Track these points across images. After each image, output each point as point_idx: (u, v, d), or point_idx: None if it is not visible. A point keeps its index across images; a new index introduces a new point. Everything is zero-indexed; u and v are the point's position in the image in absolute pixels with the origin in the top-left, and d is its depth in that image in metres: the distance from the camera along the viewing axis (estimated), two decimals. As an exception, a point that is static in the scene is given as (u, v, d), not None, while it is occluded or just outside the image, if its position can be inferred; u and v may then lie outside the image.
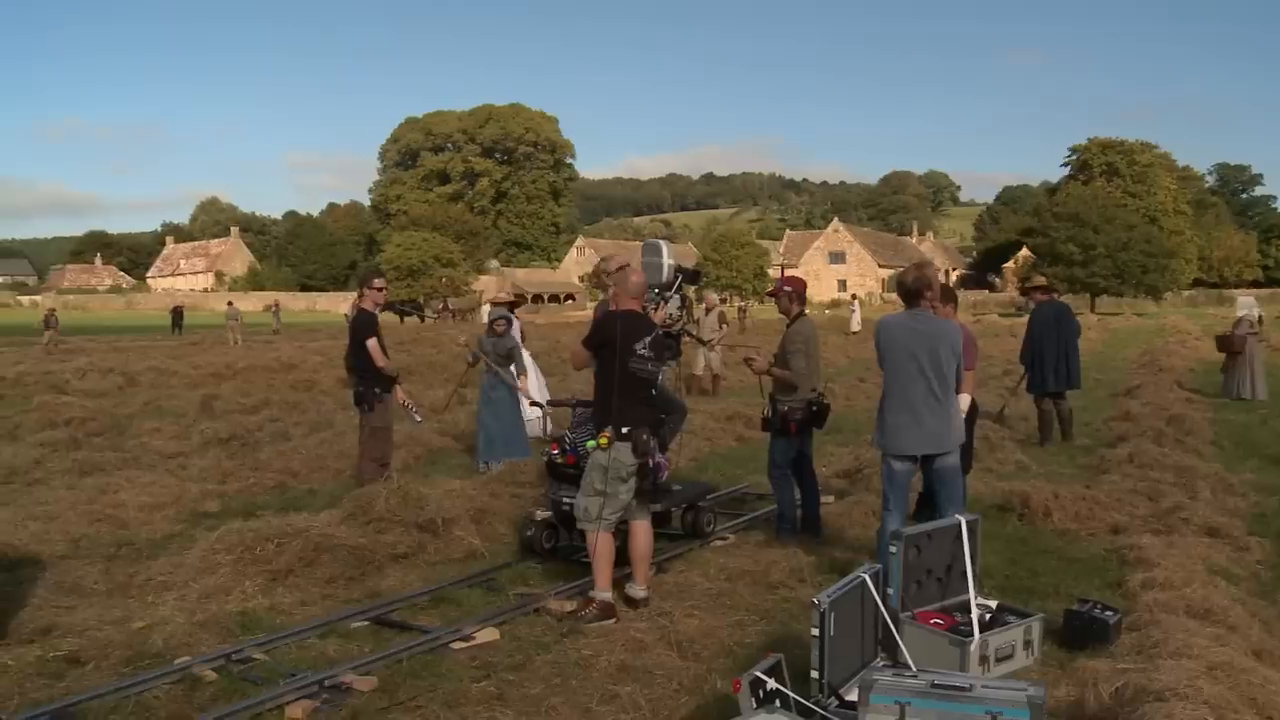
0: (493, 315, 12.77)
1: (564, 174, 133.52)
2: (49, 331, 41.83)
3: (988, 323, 53.22)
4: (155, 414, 18.24)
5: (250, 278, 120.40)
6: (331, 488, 11.35)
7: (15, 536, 8.84)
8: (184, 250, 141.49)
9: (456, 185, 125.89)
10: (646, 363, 6.88)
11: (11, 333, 52.77)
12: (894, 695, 4.13)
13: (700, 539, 8.82)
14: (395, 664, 6.05)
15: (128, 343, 45.63)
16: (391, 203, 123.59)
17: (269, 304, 64.34)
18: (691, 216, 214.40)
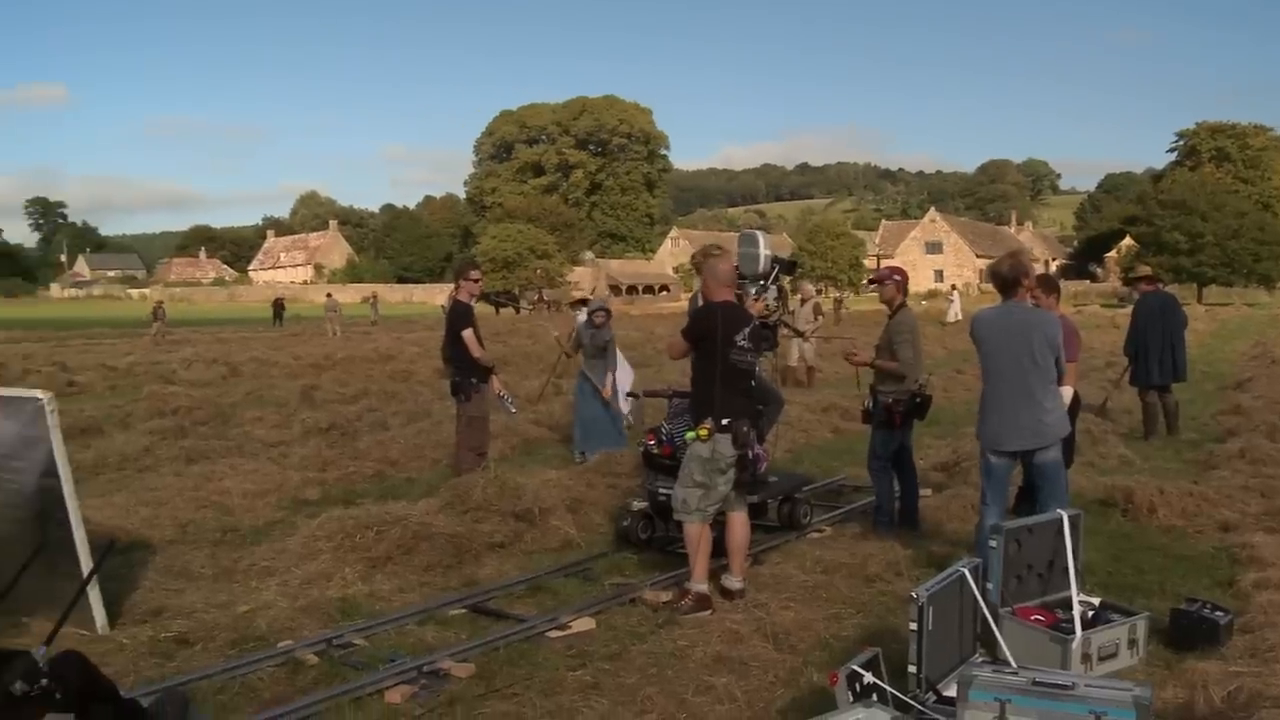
0: (591, 307, 12.83)
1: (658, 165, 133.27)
2: (157, 323, 42.77)
3: (1089, 313, 52.20)
4: (257, 403, 18.60)
5: (348, 270, 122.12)
6: (429, 477, 11.49)
7: (128, 521, 9.09)
8: (284, 243, 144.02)
9: (551, 177, 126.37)
10: (745, 354, 6.85)
11: (122, 325, 54.25)
12: (994, 692, 4.07)
13: (796, 531, 8.78)
14: (492, 651, 6.11)
15: (231, 334, 46.64)
16: (486, 195, 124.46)
17: (367, 296, 65.25)
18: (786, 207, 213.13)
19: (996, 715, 4.02)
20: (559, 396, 17.01)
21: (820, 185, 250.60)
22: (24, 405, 6.36)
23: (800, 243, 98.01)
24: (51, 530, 6.29)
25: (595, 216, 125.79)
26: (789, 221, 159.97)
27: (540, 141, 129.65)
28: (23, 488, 6.57)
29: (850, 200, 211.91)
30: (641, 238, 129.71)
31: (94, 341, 41.36)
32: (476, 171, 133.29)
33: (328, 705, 5.33)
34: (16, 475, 6.56)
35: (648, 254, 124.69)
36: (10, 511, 6.72)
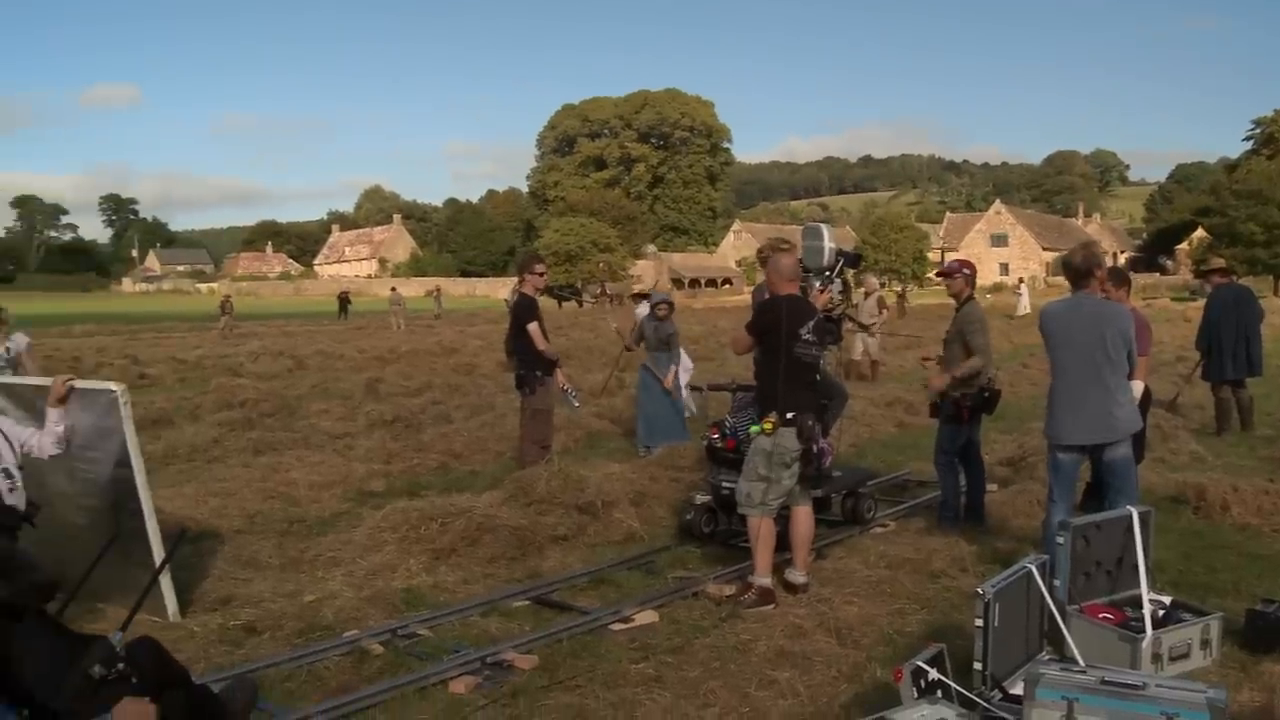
0: (655, 299, 12.83)
1: (720, 158, 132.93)
2: (224, 317, 43.45)
3: (1159, 307, 51.25)
4: (323, 396, 18.81)
5: (412, 264, 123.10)
6: (493, 469, 11.56)
7: (197, 511, 9.24)
8: (349, 238, 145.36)
9: (613, 171, 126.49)
10: (810, 347, 6.82)
11: (191, 319, 55.15)
12: (1062, 690, 4.02)
13: (860, 525, 8.73)
14: (555, 643, 6.14)
15: (297, 327, 47.25)
16: (549, 189, 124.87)
17: (430, 289, 65.69)
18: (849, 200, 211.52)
19: (1064, 714, 3.97)
20: (622, 390, 17.04)
21: (884, 178, 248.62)
22: (99, 397, 6.48)
23: (864, 236, 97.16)
24: (125, 519, 6.40)
25: (657, 210, 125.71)
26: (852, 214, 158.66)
27: (602, 135, 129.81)
28: (98, 477, 6.69)
29: (914, 193, 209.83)
30: (704, 231, 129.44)
31: (164, 335, 42.09)
32: (539, 165, 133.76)
33: (393, 695, 5.38)
34: (92, 465, 6.68)
35: (710, 247, 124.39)
36: (86, 500, 6.85)
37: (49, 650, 3.42)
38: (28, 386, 6.92)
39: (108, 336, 40.36)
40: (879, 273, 71.09)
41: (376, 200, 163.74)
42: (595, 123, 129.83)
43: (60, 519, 6.77)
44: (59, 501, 6.80)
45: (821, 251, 7.81)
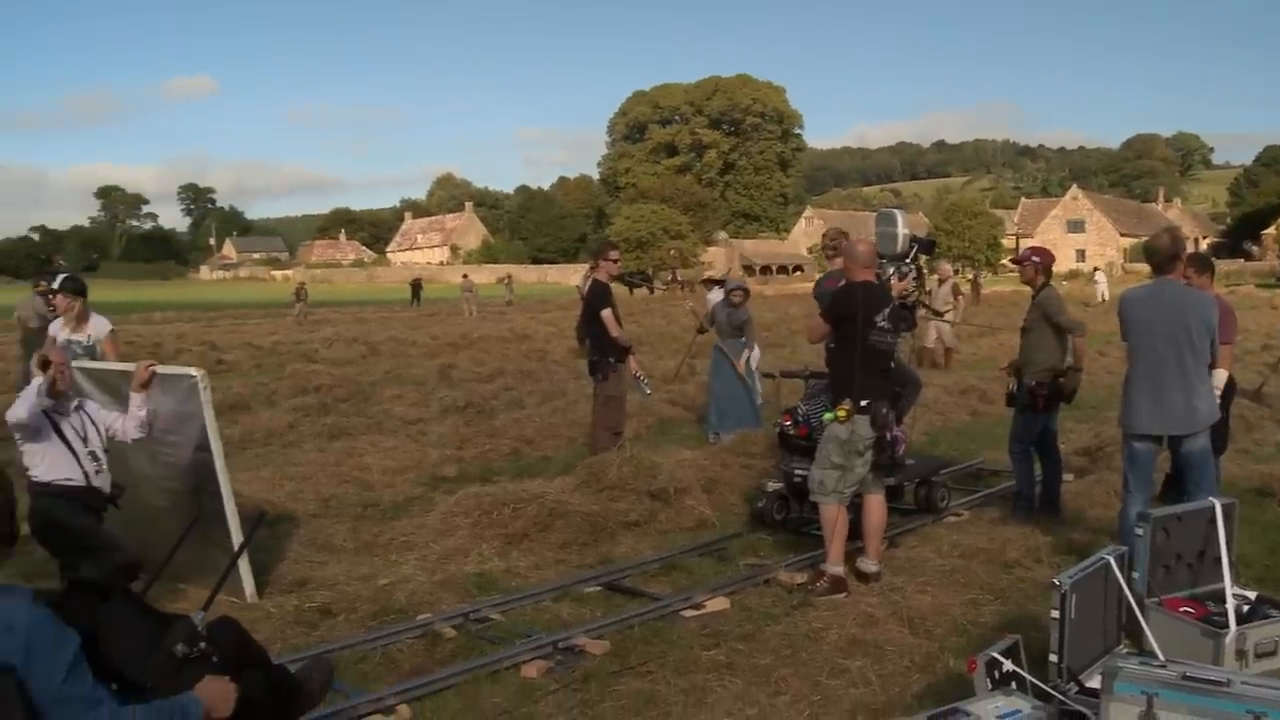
0: (730, 285, 12.79)
1: (792, 144, 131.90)
2: (299, 304, 43.96)
3: (1244, 293, 50.10)
4: (396, 382, 19.00)
5: (484, 251, 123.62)
6: (565, 455, 11.61)
7: (273, 494, 9.38)
8: (421, 225, 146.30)
9: (684, 157, 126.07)
10: (885, 335, 6.77)
11: (267, 305, 55.92)
12: (1141, 685, 3.94)
13: (933, 515, 8.66)
14: (627, 629, 6.16)
15: (370, 314, 47.75)
16: (620, 176, 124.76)
17: (502, 276, 65.99)
18: (922, 186, 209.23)
19: (1143, 710, 3.89)
20: (694, 377, 17.03)
21: (957, 163, 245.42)
22: (180, 382, 6.60)
23: (936, 222, 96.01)
24: (205, 502, 6.53)
25: (729, 196, 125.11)
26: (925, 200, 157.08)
27: (673, 122, 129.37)
28: (179, 461, 6.83)
29: (988, 178, 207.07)
30: (775, 217, 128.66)
31: (240, 322, 42.76)
32: (610, 152, 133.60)
33: (465, 678, 5.44)
34: (173, 449, 6.82)
35: (781, 234, 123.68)
36: (167, 483, 6.99)
37: (135, 628, 3.48)
38: (112, 372, 7.07)
39: (186, 323, 41.12)
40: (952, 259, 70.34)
41: (448, 188, 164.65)
42: (666, 109, 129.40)
43: (143, 501, 6.93)
44: (141, 484, 6.95)
45: (896, 238, 7.74)
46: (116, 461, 6.44)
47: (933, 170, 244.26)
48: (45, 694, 2.88)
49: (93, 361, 7.84)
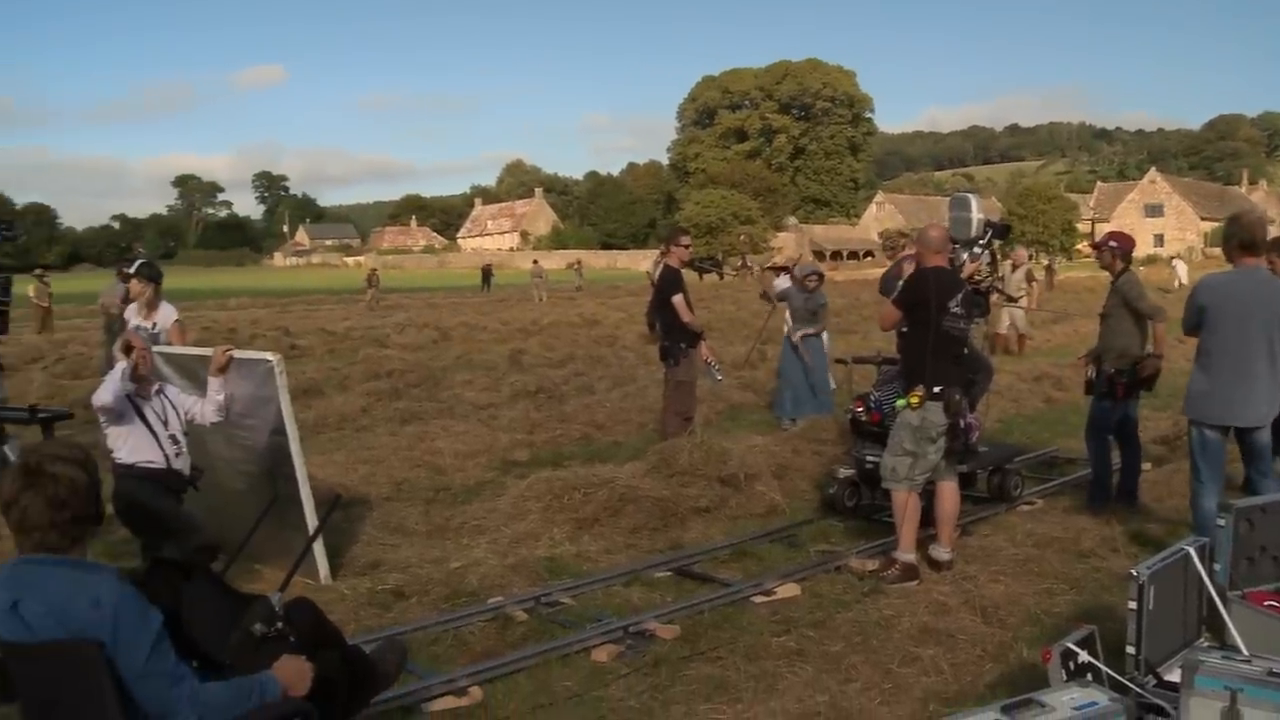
0: (804, 271, 12.73)
1: (862, 129, 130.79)
2: (371, 290, 44.37)
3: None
4: (467, 367, 19.13)
5: (553, 237, 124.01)
6: (635, 440, 11.63)
7: (347, 478, 9.50)
8: (491, 211, 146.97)
9: (754, 143, 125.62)
10: (958, 320, 6.69)
11: (339, 292, 56.60)
12: (1224, 680, 3.85)
13: (1006, 503, 8.57)
14: (697, 614, 6.16)
15: (441, 300, 48.08)
16: (690, 161, 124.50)
17: (571, 262, 66.29)
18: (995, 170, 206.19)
19: (1226, 705, 3.80)
20: (765, 363, 16.97)
21: (1031, 147, 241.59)
22: (256, 367, 6.70)
23: (1010, 207, 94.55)
24: (280, 485, 6.63)
25: (799, 181, 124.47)
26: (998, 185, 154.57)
27: (743, 106, 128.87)
28: (255, 444, 6.94)
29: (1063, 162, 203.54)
30: (846, 203, 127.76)
31: (313, 308, 43.30)
32: (679, 138, 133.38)
33: (536, 661, 5.48)
34: (249, 432, 6.93)
35: (852, 219, 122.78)
36: (244, 466, 7.11)
37: (215, 607, 3.56)
38: (191, 356, 7.19)
39: (261, 309, 41.74)
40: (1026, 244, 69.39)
41: (518, 174, 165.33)
42: (736, 94, 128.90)
43: (220, 484, 7.05)
44: (219, 467, 7.07)
45: (969, 223, 7.64)
46: (195, 445, 6.55)
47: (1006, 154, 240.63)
48: (131, 669, 2.96)
49: (172, 346, 7.98)
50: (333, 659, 3.65)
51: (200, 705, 3.09)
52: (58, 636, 2.96)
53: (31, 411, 5.55)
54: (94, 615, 2.94)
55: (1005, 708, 3.51)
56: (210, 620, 3.49)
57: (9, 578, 3.08)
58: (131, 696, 2.98)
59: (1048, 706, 3.55)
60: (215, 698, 3.14)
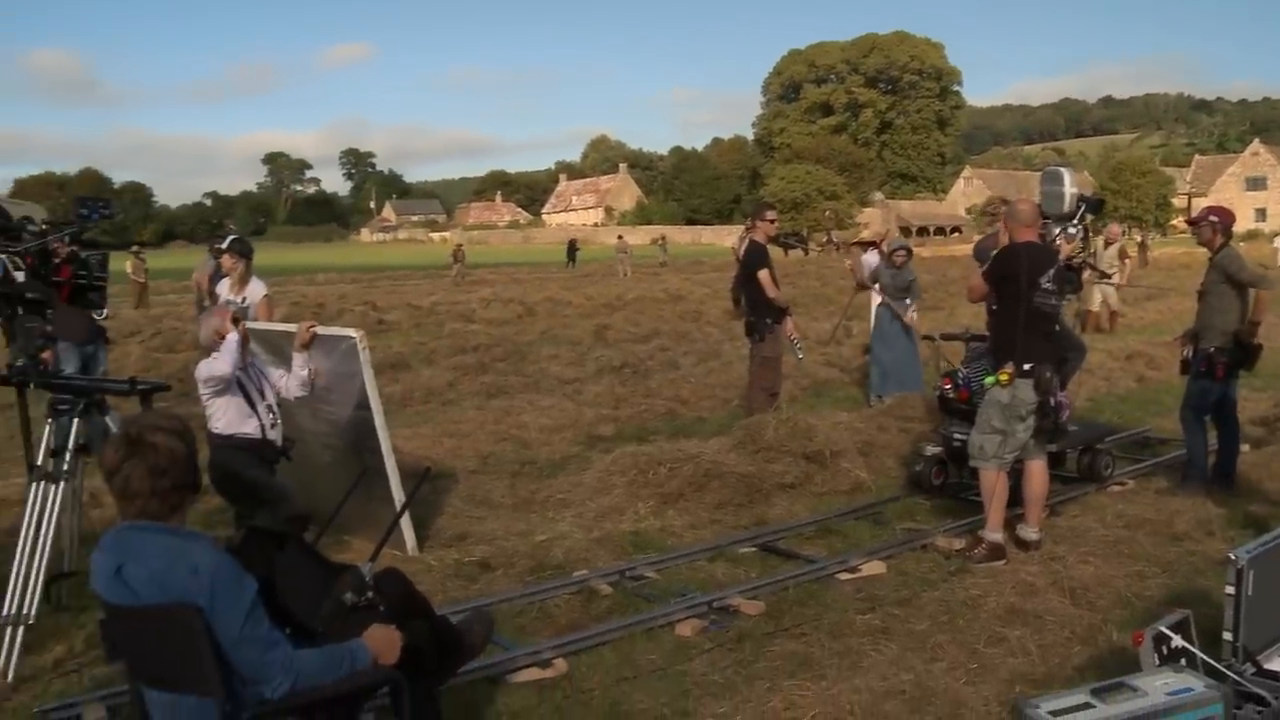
0: (893, 246, 12.60)
1: (950, 102, 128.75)
2: (456, 265, 44.77)
3: None
4: (552, 342, 19.23)
5: (638, 212, 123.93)
6: (720, 416, 11.63)
7: (433, 451, 9.61)
8: (575, 187, 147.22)
9: (840, 117, 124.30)
10: (1050, 296, 6.56)
11: (425, 267, 57.14)
12: (1328, 668, 3.75)
13: (1096, 483, 8.42)
14: (781, 591, 6.16)
15: (526, 275, 48.32)
16: (775, 136, 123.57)
17: (656, 237, 66.14)
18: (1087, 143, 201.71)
19: (1328, 694, 3.71)
20: (850, 339, 16.85)
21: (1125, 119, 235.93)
22: (339, 343, 6.79)
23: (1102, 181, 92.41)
24: (366, 458, 6.73)
25: (885, 156, 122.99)
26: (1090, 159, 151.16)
27: (829, 81, 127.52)
28: (339, 418, 7.05)
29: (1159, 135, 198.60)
30: (933, 178, 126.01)
31: (399, 283, 43.75)
32: (764, 112, 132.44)
33: (621, 634, 5.52)
34: (334, 407, 7.04)
35: (939, 194, 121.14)
36: (329, 440, 7.23)
37: (308, 576, 3.63)
38: (276, 332, 7.30)
39: (348, 284, 42.25)
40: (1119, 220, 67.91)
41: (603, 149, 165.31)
42: (821, 68, 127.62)
43: (308, 457, 7.18)
44: (306, 440, 7.19)
45: (1062, 197, 7.47)
46: (282, 418, 6.67)
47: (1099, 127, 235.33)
48: (227, 634, 3.03)
49: (259, 322, 8.13)
50: (421, 629, 3.70)
51: (293, 671, 3.15)
52: (159, 601, 3.05)
53: (131, 383, 5.67)
54: (193, 581, 3.02)
55: (1095, 690, 3.45)
56: (303, 589, 3.56)
57: (114, 543, 3.17)
58: (228, 661, 3.06)
59: (1140, 691, 3.48)
60: (308, 664, 3.20)
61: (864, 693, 4.64)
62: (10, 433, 10.35)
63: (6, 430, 10.91)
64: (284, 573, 3.53)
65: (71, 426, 5.52)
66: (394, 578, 3.84)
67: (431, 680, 3.78)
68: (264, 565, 3.47)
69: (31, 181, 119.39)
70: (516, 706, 4.72)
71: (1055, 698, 3.42)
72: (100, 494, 7.45)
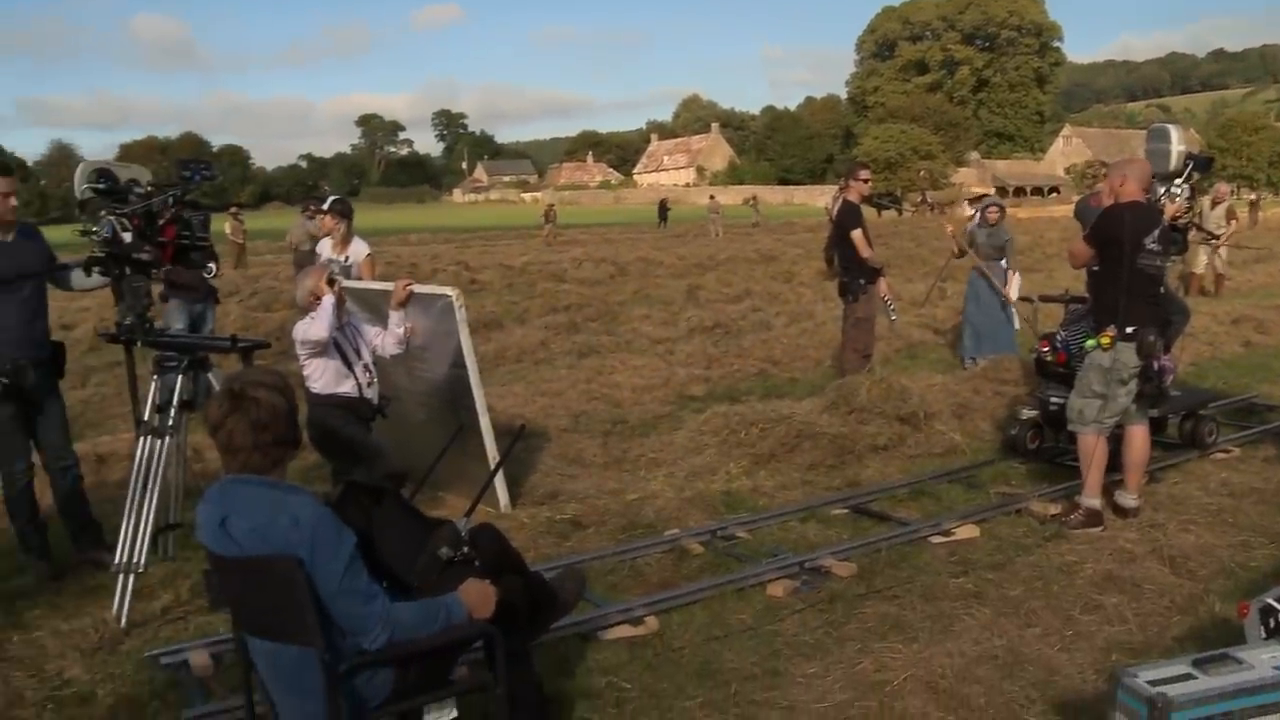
0: (984, 203, 12.38)
1: (1050, 59, 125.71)
2: (548, 225, 44.84)
3: None
4: (644, 302, 19.26)
5: (730, 172, 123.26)
6: (812, 377, 11.57)
7: (526, 410, 9.69)
8: (667, 147, 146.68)
9: (935, 75, 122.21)
10: (1154, 258, 6.39)
11: (517, 227, 57.46)
12: None
13: (1200, 449, 8.21)
14: (873, 553, 6.12)
15: (617, 235, 48.38)
16: (868, 95, 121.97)
17: (748, 198, 65.65)
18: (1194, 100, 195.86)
19: None
20: (945, 301, 16.63)
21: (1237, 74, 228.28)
22: (436, 301, 6.85)
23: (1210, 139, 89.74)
24: (462, 416, 6.80)
25: (981, 115, 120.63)
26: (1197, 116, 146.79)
27: (924, 38, 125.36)
28: (435, 377, 7.12)
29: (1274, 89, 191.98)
30: (1030, 137, 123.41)
31: (491, 243, 44.02)
32: (858, 71, 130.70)
33: (712, 593, 5.52)
34: (430, 365, 7.12)
35: (1037, 154, 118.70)
36: (425, 398, 7.31)
37: (404, 531, 3.69)
38: (373, 290, 7.39)
39: (441, 244, 42.67)
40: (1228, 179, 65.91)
41: (694, 109, 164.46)
42: (916, 25, 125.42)
43: (403, 415, 7.27)
44: (401, 398, 7.29)
45: (1168, 155, 7.25)
46: (379, 376, 6.76)
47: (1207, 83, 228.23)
48: (327, 586, 3.09)
49: (355, 281, 8.23)
50: (515, 584, 3.74)
51: (391, 623, 3.21)
52: (262, 552, 3.12)
53: (233, 341, 5.79)
54: (294, 534, 3.08)
55: (1197, 661, 3.38)
56: (399, 543, 3.62)
57: (218, 496, 3.25)
58: (328, 612, 3.12)
59: (1245, 663, 3.39)
60: (405, 617, 3.26)
61: (956, 657, 4.61)
62: (118, 389, 10.67)
63: (115, 387, 11.24)
64: (381, 527, 3.59)
65: (176, 383, 5.65)
66: (489, 533, 3.88)
67: (525, 635, 3.82)
68: (362, 519, 3.53)
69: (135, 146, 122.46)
70: (608, 663, 4.76)
71: (1155, 667, 3.36)
72: (202, 449, 7.64)
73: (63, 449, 6.18)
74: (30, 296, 5.88)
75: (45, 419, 6.06)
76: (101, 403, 11.06)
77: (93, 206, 5.50)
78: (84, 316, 16.25)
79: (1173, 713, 3.10)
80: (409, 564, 3.58)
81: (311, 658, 3.11)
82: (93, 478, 7.10)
